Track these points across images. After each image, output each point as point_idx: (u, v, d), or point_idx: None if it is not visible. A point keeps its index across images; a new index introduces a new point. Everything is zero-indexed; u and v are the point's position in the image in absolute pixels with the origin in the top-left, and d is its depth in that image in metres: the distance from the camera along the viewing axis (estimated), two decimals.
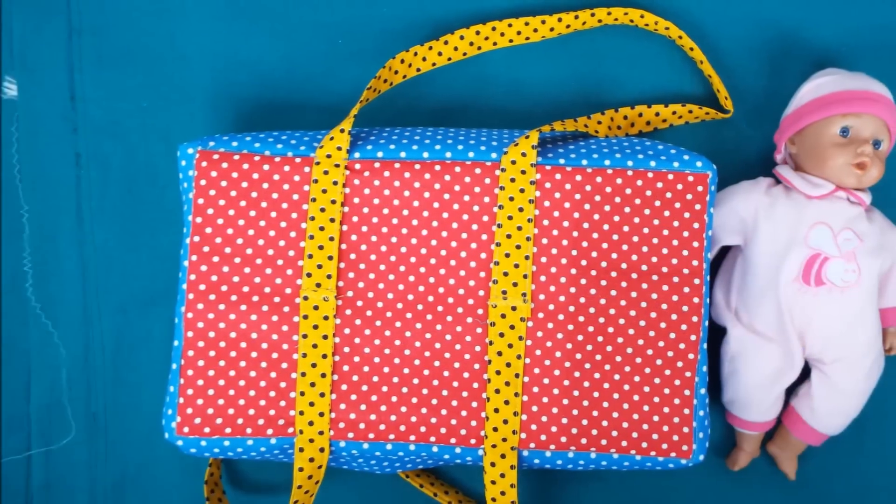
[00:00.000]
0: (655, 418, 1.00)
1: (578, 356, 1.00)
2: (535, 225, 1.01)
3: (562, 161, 1.02)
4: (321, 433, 1.00)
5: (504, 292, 1.00)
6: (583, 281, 1.01)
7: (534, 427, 1.00)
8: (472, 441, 1.00)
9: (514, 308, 1.00)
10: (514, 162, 1.01)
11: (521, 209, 1.00)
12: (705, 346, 1.02)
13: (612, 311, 1.01)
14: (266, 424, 1.00)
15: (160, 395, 1.11)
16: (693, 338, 1.01)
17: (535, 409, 1.00)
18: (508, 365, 1.00)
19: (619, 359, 1.01)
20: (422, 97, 1.18)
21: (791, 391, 1.11)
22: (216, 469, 1.12)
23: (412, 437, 1.01)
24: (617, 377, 1.01)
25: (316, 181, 1.01)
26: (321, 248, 1.01)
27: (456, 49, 1.15)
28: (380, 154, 1.03)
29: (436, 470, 1.17)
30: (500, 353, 1.00)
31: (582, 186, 1.01)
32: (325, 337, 1.01)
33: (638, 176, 1.01)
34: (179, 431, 1.01)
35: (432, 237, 1.02)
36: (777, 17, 1.17)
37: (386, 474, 1.13)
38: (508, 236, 1.00)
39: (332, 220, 1.01)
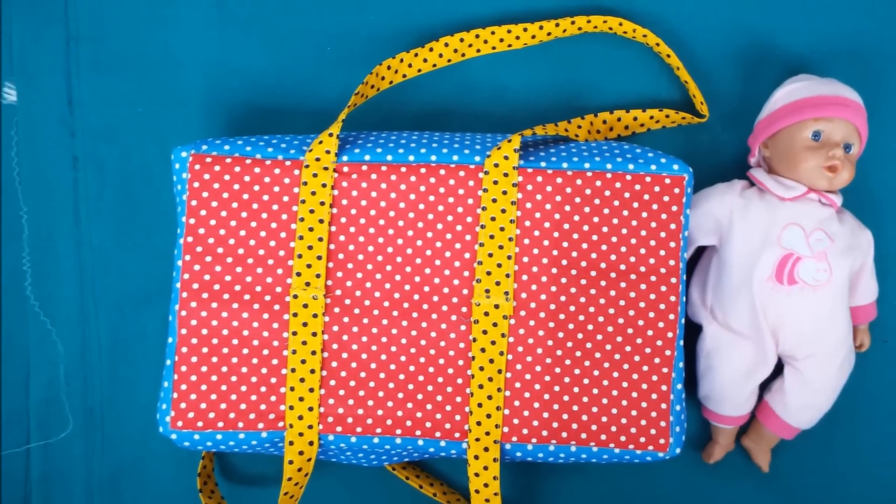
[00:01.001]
0: (634, 413, 1.01)
1: (559, 353, 1.01)
2: (518, 226, 1.01)
3: (543, 164, 1.02)
4: (310, 427, 1.01)
5: (487, 291, 1.01)
6: (563, 280, 1.01)
7: (516, 421, 1.01)
8: (457, 435, 1.01)
9: (496, 306, 1.00)
10: (496, 165, 1.01)
11: (503, 210, 1.01)
12: (682, 342, 1.04)
13: (591, 309, 1.02)
14: (257, 419, 1.01)
15: (155, 390, 1.13)
16: (670, 335, 1.02)
17: (517, 403, 1.01)
18: (491, 361, 1.01)
19: (598, 355, 1.02)
20: (408, 102, 1.18)
21: (765, 386, 1.12)
22: (209, 462, 1.12)
23: (398, 431, 1.01)
24: (596, 373, 1.02)
25: (305, 183, 1.02)
26: (310, 248, 1.01)
27: (441, 56, 1.16)
28: (367, 157, 1.03)
29: (421, 463, 1.18)
30: (483, 350, 1.01)
31: (562, 188, 1.01)
32: (314, 334, 1.01)
33: (617, 178, 1.02)
34: (173, 425, 1.01)
35: (418, 237, 1.02)
36: (751, 25, 1.18)
37: (373, 467, 1.14)
38: (491, 237, 1.01)
39: (321, 221, 1.02)
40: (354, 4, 1.18)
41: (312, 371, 1.01)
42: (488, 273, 1.01)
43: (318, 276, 1.01)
